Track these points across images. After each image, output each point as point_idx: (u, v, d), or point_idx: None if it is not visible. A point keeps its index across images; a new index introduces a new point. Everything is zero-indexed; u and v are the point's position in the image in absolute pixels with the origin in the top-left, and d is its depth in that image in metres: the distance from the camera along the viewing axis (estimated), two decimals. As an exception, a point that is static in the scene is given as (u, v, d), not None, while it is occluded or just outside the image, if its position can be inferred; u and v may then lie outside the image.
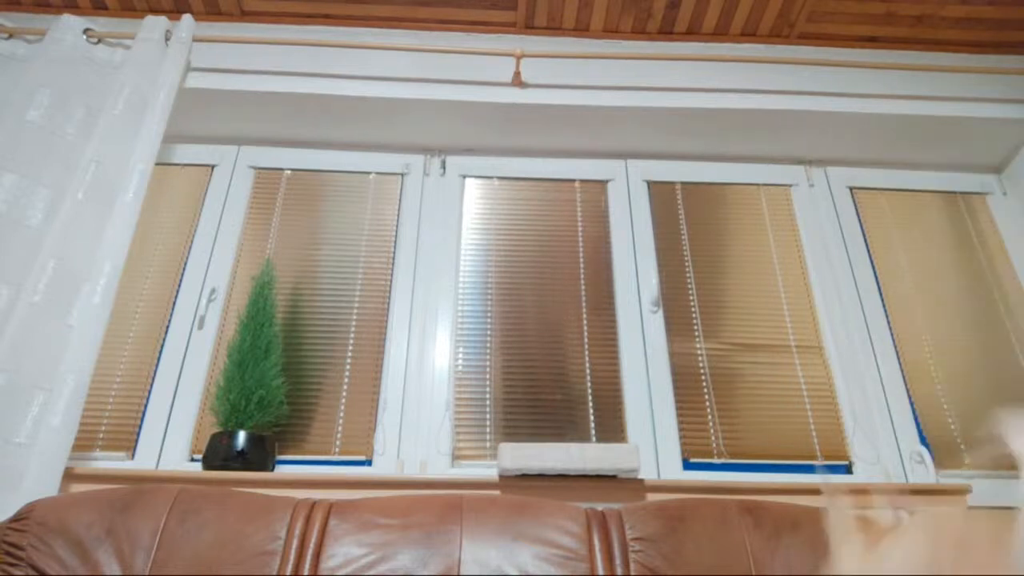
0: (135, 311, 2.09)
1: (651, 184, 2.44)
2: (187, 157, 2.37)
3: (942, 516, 1.31)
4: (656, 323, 2.15)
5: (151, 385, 1.97)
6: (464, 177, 2.43)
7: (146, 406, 1.94)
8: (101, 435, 1.91)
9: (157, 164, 2.02)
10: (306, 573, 1.26)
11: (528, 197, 2.41)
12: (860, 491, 1.40)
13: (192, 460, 1.88)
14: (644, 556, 1.31)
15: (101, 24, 2.25)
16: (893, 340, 2.15)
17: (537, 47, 2.33)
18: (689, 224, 2.37)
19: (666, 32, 2.45)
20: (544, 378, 2.07)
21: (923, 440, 2.00)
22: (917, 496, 1.72)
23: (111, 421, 1.92)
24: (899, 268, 2.30)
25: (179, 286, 2.13)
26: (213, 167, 2.36)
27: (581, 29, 2.44)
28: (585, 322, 2.17)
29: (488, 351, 2.10)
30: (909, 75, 2.37)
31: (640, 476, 1.69)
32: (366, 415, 1.98)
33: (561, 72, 2.32)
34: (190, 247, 2.20)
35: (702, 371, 2.10)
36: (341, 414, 1.99)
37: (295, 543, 1.30)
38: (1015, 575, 1.00)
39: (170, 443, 1.88)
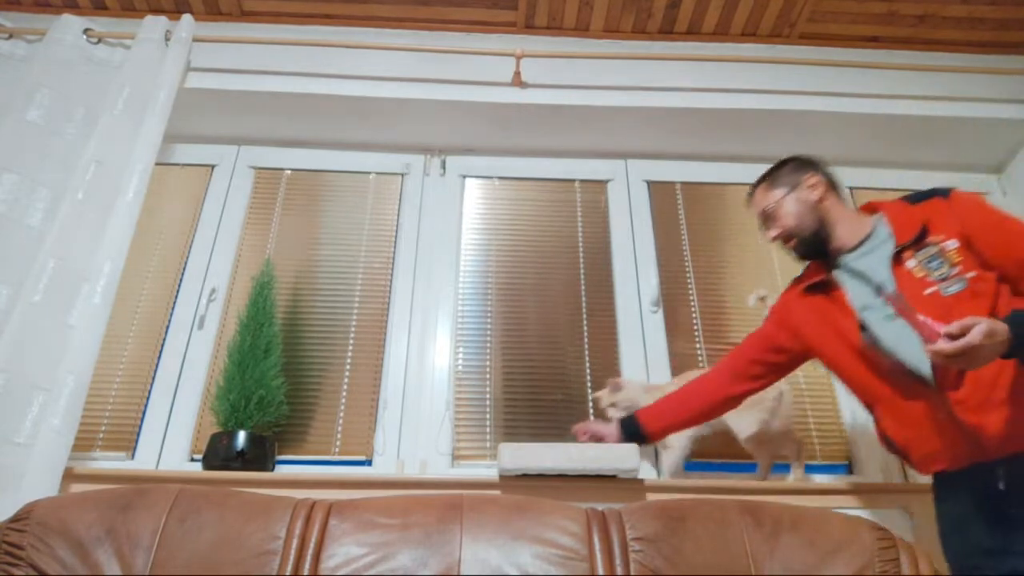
0: (135, 311, 2.09)
1: (651, 184, 2.44)
2: (187, 157, 2.37)
3: None
4: (656, 323, 2.15)
5: (151, 385, 1.97)
6: (464, 177, 2.43)
7: (146, 406, 1.93)
8: (101, 435, 1.91)
9: (157, 164, 2.01)
10: (306, 573, 1.26)
11: (528, 197, 2.41)
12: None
13: (192, 460, 1.88)
14: (644, 556, 1.31)
15: (101, 24, 2.25)
16: (893, 340, 2.15)
17: (537, 47, 2.33)
18: (689, 224, 2.37)
19: (666, 32, 2.45)
20: (544, 378, 2.07)
21: (923, 440, 1.99)
22: (918, 495, 1.71)
23: (111, 421, 1.93)
24: (899, 268, 2.29)
25: (179, 286, 2.13)
26: (213, 167, 2.36)
27: (581, 29, 2.43)
28: (585, 322, 2.17)
29: (488, 351, 2.10)
30: (910, 75, 2.36)
31: (640, 476, 1.69)
32: (366, 415, 1.98)
33: (561, 72, 2.32)
34: (190, 247, 2.20)
35: (702, 371, 2.09)
36: (341, 414, 1.98)
37: (295, 543, 1.29)
38: None
39: (170, 443, 1.88)
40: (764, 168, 1.64)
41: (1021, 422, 1.22)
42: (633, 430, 1.68)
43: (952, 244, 1.34)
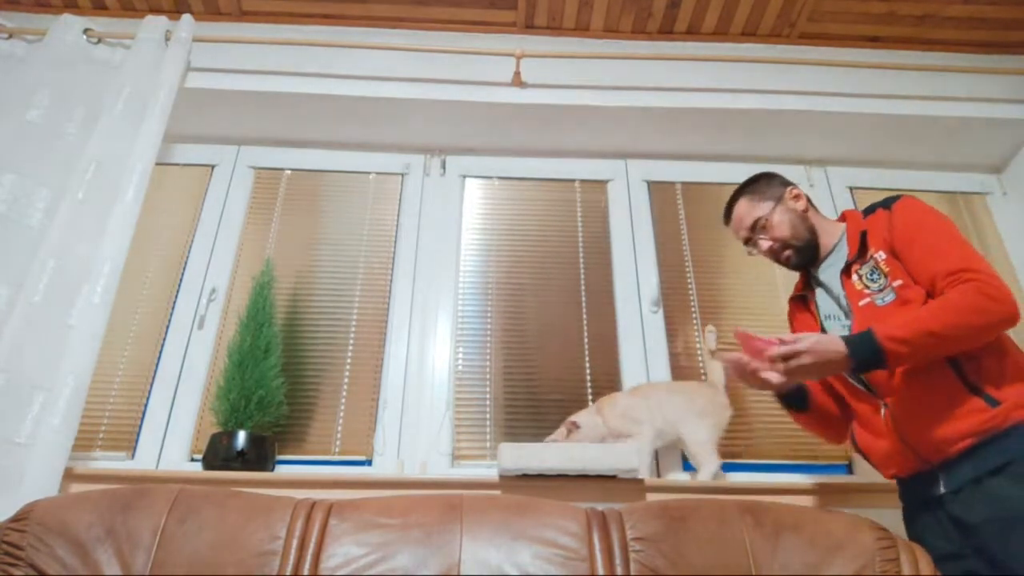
0: (135, 311, 2.09)
1: (651, 184, 2.44)
2: (187, 157, 2.37)
3: None
4: (656, 323, 2.15)
5: (151, 385, 1.97)
6: (464, 177, 2.42)
7: (146, 406, 1.93)
8: (101, 435, 1.91)
9: (157, 164, 2.01)
10: (306, 573, 1.26)
11: (528, 197, 2.41)
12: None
13: (192, 460, 1.88)
14: (644, 556, 1.31)
15: (101, 24, 2.25)
16: (893, 340, 2.15)
17: (537, 47, 2.33)
18: (689, 224, 2.37)
19: (666, 32, 2.45)
20: (544, 378, 2.07)
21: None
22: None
23: (111, 421, 1.92)
24: (899, 268, 2.29)
25: (179, 286, 2.13)
26: (213, 167, 2.36)
27: (581, 29, 2.43)
28: (585, 322, 2.17)
29: (488, 351, 2.10)
30: (910, 75, 2.36)
31: (640, 476, 1.69)
32: (366, 415, 1.98)
33: (561, 72, 2.32)
34: (190, 247, 2.20)
35: (702, 371, 2.10)
36: (341, 414, 1.98)
37: (295, 543, 1.29)
38: None
39: (170, 443, 1.88)
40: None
41: (950, 427, 1.25)
42: (802, 393, 1.53)
43: (881, 256, 1.39)
